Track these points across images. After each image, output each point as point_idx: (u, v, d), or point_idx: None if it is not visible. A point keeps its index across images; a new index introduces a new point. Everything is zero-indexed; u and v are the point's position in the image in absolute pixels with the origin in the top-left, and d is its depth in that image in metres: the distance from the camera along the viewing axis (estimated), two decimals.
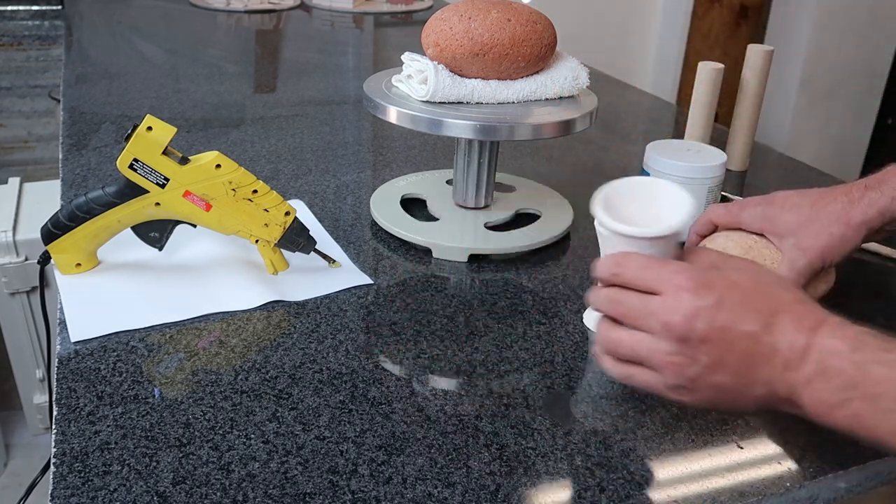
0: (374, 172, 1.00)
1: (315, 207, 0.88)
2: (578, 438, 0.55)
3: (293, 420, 0.55)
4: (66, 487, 0.48)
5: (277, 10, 1.96)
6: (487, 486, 0.50)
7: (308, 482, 0.50)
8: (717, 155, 0.83)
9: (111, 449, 0.52)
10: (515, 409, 0.58)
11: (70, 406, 0.55)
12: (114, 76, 1.33)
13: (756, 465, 0.54)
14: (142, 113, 1.04)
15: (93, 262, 0.73)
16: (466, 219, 0.84)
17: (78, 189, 0.89)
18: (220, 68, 1.43)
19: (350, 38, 1.79)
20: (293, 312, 0.68)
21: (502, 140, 0.79)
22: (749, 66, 1.02)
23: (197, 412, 0.55)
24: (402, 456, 0.52)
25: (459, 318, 0.69)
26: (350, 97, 1.30)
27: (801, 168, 1.11)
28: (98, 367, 0.60)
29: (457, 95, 0.74)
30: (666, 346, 0.46)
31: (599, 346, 0.51)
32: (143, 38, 1.63)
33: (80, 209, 0.68)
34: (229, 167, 0.68)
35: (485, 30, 0.72)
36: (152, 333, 0.64)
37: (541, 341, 0.66)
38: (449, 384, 0.60)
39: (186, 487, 0.49)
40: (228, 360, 0.62)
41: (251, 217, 0.70)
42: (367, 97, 0.78)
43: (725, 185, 1.01)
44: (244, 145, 1.05)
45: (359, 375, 0.60)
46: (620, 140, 1.18)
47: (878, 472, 0.55)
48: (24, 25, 2.16)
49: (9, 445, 1.62)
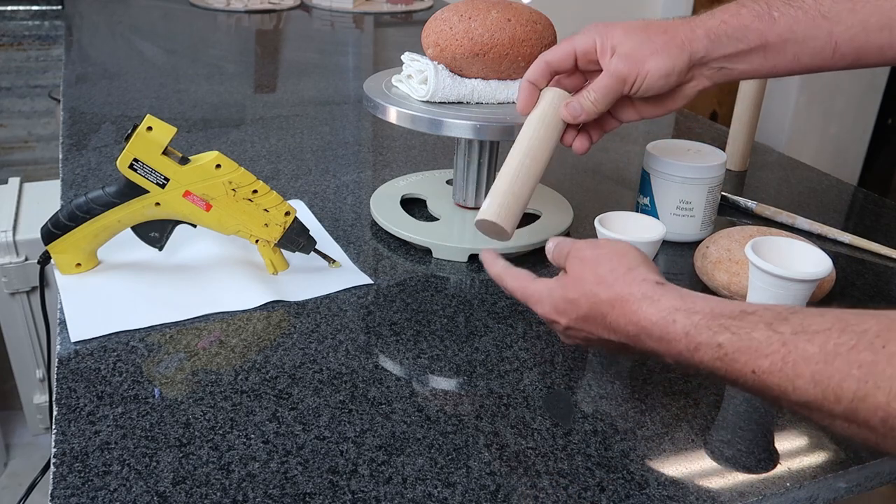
0: (374, 172, 1.00)
1: (315, 207, 0.88)
2: (578, 438, 0.55)
3: (293, 420, 0.55)
4: (66, 487, 0.48)
5: (277, 10, 1.96)
6: (487, 486, 0.50)
7: (308, 482, 0.50)
8: (717, 155, 0.83)
9: (111, 449, 0.52)
10: (515, 409, 0.58)
11: (70, 406, 0.55)
12: (114, 76, 1.33)
13: (756, 465, 0.54)
14: (142, 113, 1.05)
15: (93, 262, 0.73)
16: (466, 219, 0.84)
17: (78, 189, 0.89)
18: (220, 68, 1.43)
19: (350, 38, 1.79)
20: (293, 312, 0.68)
21: (502, 140, 0.79)
22: None
23: (197, 412, 0.55)
24: (402, 456, 0.52)
25: (459, 318, 0.69)
26: (350, 97, 1.30)
27: (801, 168, 1.11)
28: (98, 367, 0.60)
29: (457, 95, 0.74)
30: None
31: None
32: (143, 38, 1.63)
33: (80, 209, 0.68)
34: (229, 167, 0.68)
35: (485, 30, 0.72)
36: (152, 333, 0.64)
37: (541, 341, 0.66)
38: (449, 384, 0.60)
39: (186, 487, 0.49)
40: (228, 360, 0.62)
41: (251, 217, 0.70)
42: (367, 97, 0.78)
43: (725, 185, 1.01)
44: (244, 145, 1.05)
45: (359, 375, 0.60)
46: (620, 140, 1.18)
47: (878, 472, 0.55)
48: (24, 25, 2.16)
49: (9, 445, 1.62)
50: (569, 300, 0.52)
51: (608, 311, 0.50)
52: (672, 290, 0.48)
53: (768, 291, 0.59)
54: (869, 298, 0.76)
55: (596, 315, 0.51)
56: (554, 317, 0.54)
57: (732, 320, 0.43)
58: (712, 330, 0.44)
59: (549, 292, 0.54)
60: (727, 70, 0.60)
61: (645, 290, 0.48)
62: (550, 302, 0.54)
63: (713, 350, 0.43)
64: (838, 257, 0.84)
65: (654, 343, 0.47)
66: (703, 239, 0.79)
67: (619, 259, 0.51)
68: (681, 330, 0.45)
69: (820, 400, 0.38)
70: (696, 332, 0.44)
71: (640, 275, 0.50)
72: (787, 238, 0.63)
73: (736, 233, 0.74)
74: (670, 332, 0.46)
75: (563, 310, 0.53)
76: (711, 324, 0.44)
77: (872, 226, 0.93)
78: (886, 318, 0.38)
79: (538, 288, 0.55)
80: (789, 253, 0.62)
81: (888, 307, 0.74)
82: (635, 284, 0.49)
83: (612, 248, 0.53)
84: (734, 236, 0.73)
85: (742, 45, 0.58)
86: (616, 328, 0.50)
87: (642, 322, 0.47)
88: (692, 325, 0.45)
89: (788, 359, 0.39)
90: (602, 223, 0.64)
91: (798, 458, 0.55)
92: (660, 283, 0.49)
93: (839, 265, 0.81)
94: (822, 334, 0.39)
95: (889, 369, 0.36)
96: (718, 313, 0.44)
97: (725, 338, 0.43)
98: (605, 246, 0.54)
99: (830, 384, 0.37)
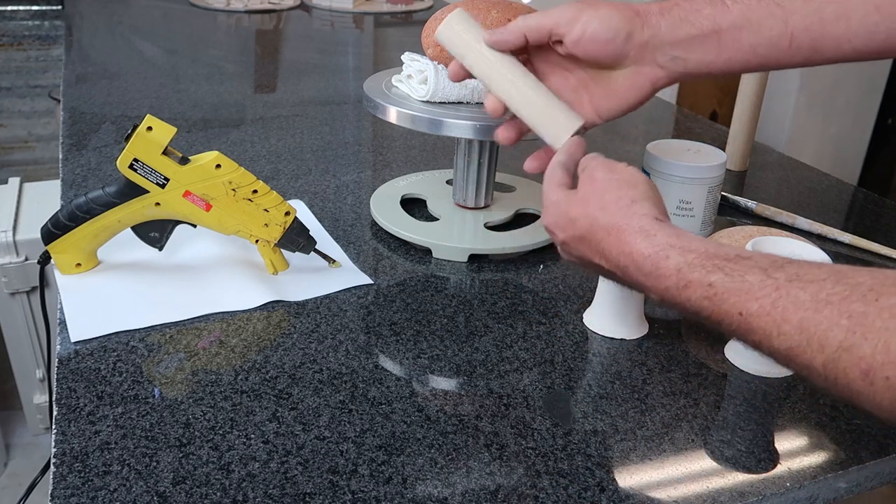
0: (374, 172, 1.00)
1: (315, 207, 0.88)
2: (578, 438, 0.55)
3: (293, 420, 0.55)
4: (66, 487, 0.48)
5: (277, 10, 1.96)
6: (487, 486, 0.50)
7: (308, 482, 0.50)
8: (717, 155, 0.83)
9: (111, 449, 0.52)
10: (515, 409, 0.58)
11: (70, 406, 0.55)
12: (114, 76, 1.33)
13: (756, 465, 0.54)
14: (142, 113, 1.04)
15: (93, 262, 0.73)
16: (466, 219, 0.84)
17: (78, 189, 0.89)
18: (220, 68, 1.43)
19: (350, 38, 1.79)
20: (293, 312, 0.68)
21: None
22: None
23: (197, 412, 0.55)
24: (402, 456, 0.52)
25: (459, 318, 0.69)
26: (350, 97, 1.30)
27: (801, 168, 1.11)
28: (98, 367, 0.60)
29: (457, 95, 0.74)
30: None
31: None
32: (143, 38, 1.63)
33: (80, 209, 0.68)
34: (229, 167, 0.68)
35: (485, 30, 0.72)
36: (152, 333, 0.64)
37: (541, 341, 0.66)
38: (449, 384, 0.60)
39: (186, 487, 0.49)
40: (228, 360, 0.62)
41: (251, 217, 0.70)
42: (367, 97, 0.78)
43: (725, 185, 1.01)
44: (244, 145, 1.05)
45: (359, 375, 0.60)
46: (620, 140, 1.18)
47: (878, 472, 0.55)
48: (24, 25, 2.16)
49: (9, 445, 1.62)
50: (570, 218, 0.53)
51: (603, 238, 0.50)
52: (669, 226, 0.48)
53: None
54: None
55: (591, 239, 0.51)
56: (553, 229, 0.55)
57: (727, 262, 0.43)
58: (706, 269, 0.44)
59: (557, 204, 0.55)
60: (681, 60, 0.58)
61: (643, 224, 0.48)
62: (555, 213, 0.54)
63: (703, 289, 0.43)
64: (838, 257, 0.84)
65: (643, 277, 0.47)
66: None
67: (627, 189, 0.51)
68: (672, 266, 0.45)
69: (803, 346, 0.38)
70: (688, 269, 0.44)
71: (642, 209, 0.50)
72: (787, 238, 0.63)
73: (736, 233, 0.74)
74: (661, 267, 0.46)
75: (562, 225, 0.54)
76: (706, 263, 0.44)
77: (872, 226, 0.93)
78: (882, 274, 0.37)
79: (552, 197, 0.55)
80: (789, 253, 0.62)
81: None
82: (634, 217, 0.49)
83: (623, 176, 0.53)
84: (734, 236, 0.73)
85: (694, 29, 0.56)
86: (608, 256, 0.50)
87: (634, 255, 0.48)
88: (685, 263, 0.45)
89: (778, 304, 0.39)
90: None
91: (798, 458, 0.55)
92: (658, 219, 0.49)
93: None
94: (816, 283, 0.39)
95: (879, 321, 0.35)
96: (713, 254, 0.44)
97: (717, 277, 0.43)
98: (619, 172, 0.53)
99: (817, 332, 0.37)
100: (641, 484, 0.51)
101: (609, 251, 0.50)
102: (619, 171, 0.53)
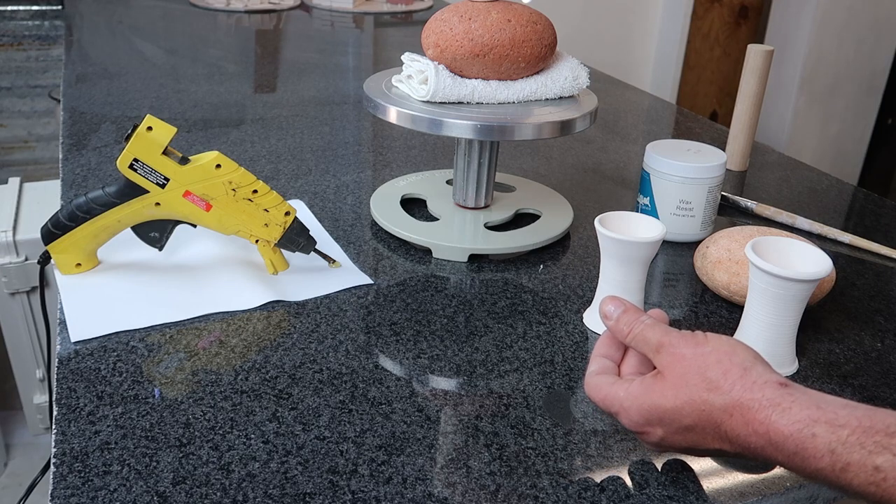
0: (374, 172, 1.00)
1: (315, 207, 0.88)
2: (578, 438, 0.55)
3: (293, 420, 0.55)
4: (66, 487, 0.48)
5: (277, 10, 1.96)
6: (487, 486, 0.50)
7: (308, 482, 0.50)
8: (717, 155, 0.83)
9: (111, 449, 0.52)
10: (515, 409, 0.58)
11: (70, 406, 0.55)
12: (114, 76, 1.33)
13: (756, 465, 0.54)
14: (142, 113, 1.05)
15: (93, 262, 0.73)
16: (466, 219, 0.84)
17: (78, 189, 0.89)
18: (220, 68, 1.43)
19: (350, 38, 1.79)
20: (293, 312, 0.68)
21: (502, 140, 0.79)
22: (749, 67, 1.02)
23: (197, 412, 0.55)
24: (402, 456, 0.52)
25: (459, 318, 0.69)
26: (350, 97, 1.30)
27: (801, 168, 1.11)
28: (98, 367, 0.60)
29: (457, 96, 0.74)
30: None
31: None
32: (143, 38, 1.63)
33: (80, 209, 0.68)
34: (229, 167, 0.68)
35: (485, 31, 0.72)
36: (152, 333, 0.64)
37: (541, 341, 0.66)
38: (449, 384, 0.60)
39: (186, 487, 0.49)
40: (228, 360, 0.62)
41: (251, 217, 0.70)
42: (367, 97, 0.78)
43: (725, 185, 1.01)
44: (244, 145, 1.05)
45: (359, 375, 0.60)
46: (620, 140, 1.18)
47: None
48: (24, 25, 2.16)
49: (9, 445, 1.62)
50: (667, 409, 0.46)
51: (724, 420, 0.44)
52: (802, 394, 0.42)
53: (768, 291, 0.59)
54: (869, 299, 0.76)
55: (706, 425, 0.45)
56: (645, 428, 0.48)
57: (890, 437, 0.38)
58: (866, 449, 0.39)
59: (633, 399, 0.48)
60: None
61: (771, 396, 0.42)
62: (638, 410, 0.48)
63: (868, 473, 0.39)
64: (838, 257, 0.84)
65: (785, 458, 0.42)
66: (703, 239, 0.79)
67: (729, 359, 0.45)
68: (823, 446, 0.40)
69: None
70: (844, 450, 0.39)
71: (759, 376, 0.44)
72: (787, 238, 0.63)
73: (736, 233, 0.74)
74: (808, 447, 0.40)
75: (658, 419, 0.47)
76: (865, 441, 0.39)
77: (872, 226, 0.93)
78: None
79: (617, 394, 0.49)
80: (789, 253, 0.62)
81: (888, 307, 0.74)
82: (757, 388, 0.43)
83: (717, 346, 0.47)
84: (734, 236, 0.73)
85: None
86: (733, 439, 0.44)
87: (771, 434, 0.42)
88: (839, 443, 0.39)
89: None
90: (602, 223, 0.64)
91: None
92: (783, 384, 0.43)
93: (839, 265, 0.81)
94: None
95: None
96: (869, 428, 0.39)
97: (885, 459, 0.38)
98: (709, 343, 0.47)
99: None
100: (641, 484, 0.51)
101: (735, 434, 0.44)
102: (706, 341, 0.47)
